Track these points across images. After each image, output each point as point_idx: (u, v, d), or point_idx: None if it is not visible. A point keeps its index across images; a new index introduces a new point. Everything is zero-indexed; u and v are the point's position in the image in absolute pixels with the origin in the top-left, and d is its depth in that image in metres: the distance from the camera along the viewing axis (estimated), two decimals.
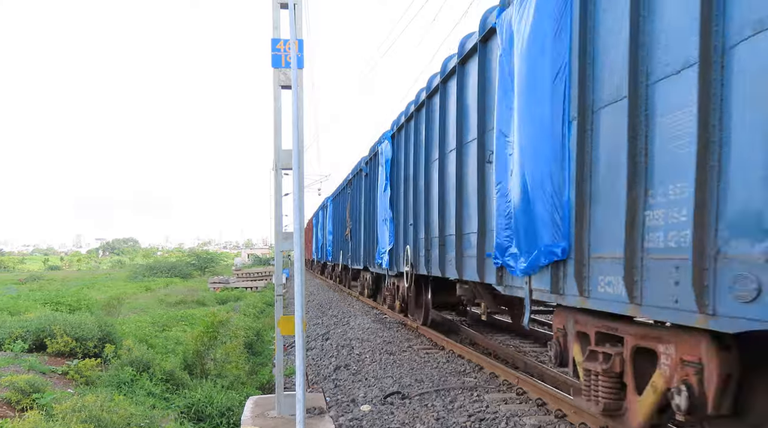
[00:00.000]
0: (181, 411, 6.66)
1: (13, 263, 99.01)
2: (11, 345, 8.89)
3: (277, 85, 5.85)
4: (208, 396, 6.90)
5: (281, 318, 5.67)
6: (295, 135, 5.37)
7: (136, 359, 7.94)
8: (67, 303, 16.93)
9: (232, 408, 6.75)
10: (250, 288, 29.41)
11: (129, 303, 20.84)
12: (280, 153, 5.90)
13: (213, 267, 53.63)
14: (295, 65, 5.38)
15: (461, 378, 7.40)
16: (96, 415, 5.12)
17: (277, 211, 6.08)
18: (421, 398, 6.61)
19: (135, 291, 29.09)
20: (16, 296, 21.15)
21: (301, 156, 5.41)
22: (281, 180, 6.04)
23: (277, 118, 5.84)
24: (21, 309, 14.59)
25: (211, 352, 9.12)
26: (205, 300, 23.08)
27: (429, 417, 5.90)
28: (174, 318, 15.28)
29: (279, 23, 5.82)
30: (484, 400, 6.36)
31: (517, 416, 5.72)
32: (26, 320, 10.06)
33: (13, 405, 6.09)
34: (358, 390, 7.14)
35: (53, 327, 9.05)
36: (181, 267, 49.43)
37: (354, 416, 6.05)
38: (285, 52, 5.75)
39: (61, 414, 5.16)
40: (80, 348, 8.89)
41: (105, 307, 16.77)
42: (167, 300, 22.71)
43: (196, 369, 8.76)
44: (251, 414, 5.86)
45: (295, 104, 5.34)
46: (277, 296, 5.85)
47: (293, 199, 5.44)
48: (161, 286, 33.03)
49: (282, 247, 6.00)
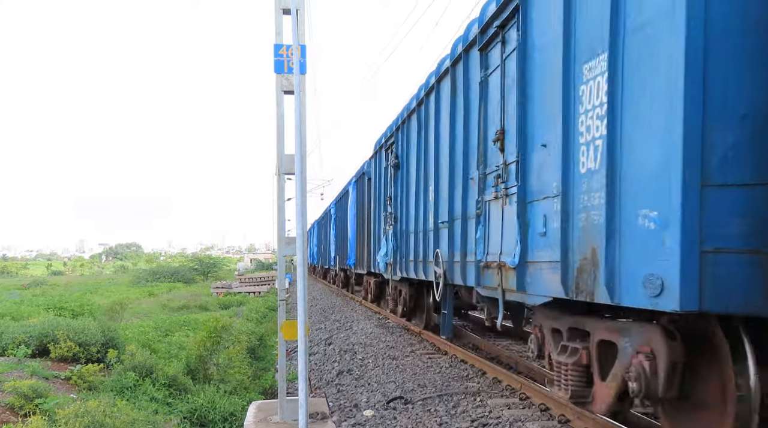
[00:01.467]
0: (183, 416, 6.66)
1: (16, 268, 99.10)
2: (14, 350, 8.90)
3: (279, 90, 5.86)
4: (211, 401, 6.90)
5: (284, 323, 5.67)
6: (298, 140, 5.37)
7: (139, 364, 7.94)
8: (70, 308, 16.93)
9: (235, 413, 6.75)
10: (253, 293, 29.36)
11: (132, 308, 20.86)
12: (283, 158, 5.91)
13: (216, 272, 53.55)
14: (298, 71, 5.39)
15: (464, 383, 7.38)
16: (99, 420, 5.12)
17: (280, 215, 6.09)
18: (424, 403, 6.59)
19: (138, 296, 29.12)
20: (19, 301, 21.20)
21: (303, 161, 5.42)
22: (284, 184, 6.05)
23: (280, 123, 5.86)
24: (24, 315, 14.62)
25: (214, 357, 9.11)
26: (207, 305, 23.07)
27: (432, 422, 5.89)
28: (177, 323, 15.27)
29: (282, 29, 5.84)
30: (487, 405, 6.35)
31: (520, 421, 5.70)
32: (29, 325, 10.07)
33: (17, 410, 6.10)
34: (360, 395, 7.13)
35: (56, 333, 9.06)
36: (184, 272, 49.43)
37: (357, 421, 6.04)
38: (288, 57, 5.76)
39: (64, 419, 5.16)
40: (83, 353, 8.89)
41: (108, 312, 16.80)
42: (170, 305, 22.71)
43: (198, 374, 8.76)
44: (254, 419, 5.85)
45: (298, 109, 5.35)
46: (280, 301, 5.85)
47: (296, 203, 5.44)
48: (164, 291, 33.03)
49: (285, 252, 6.01)
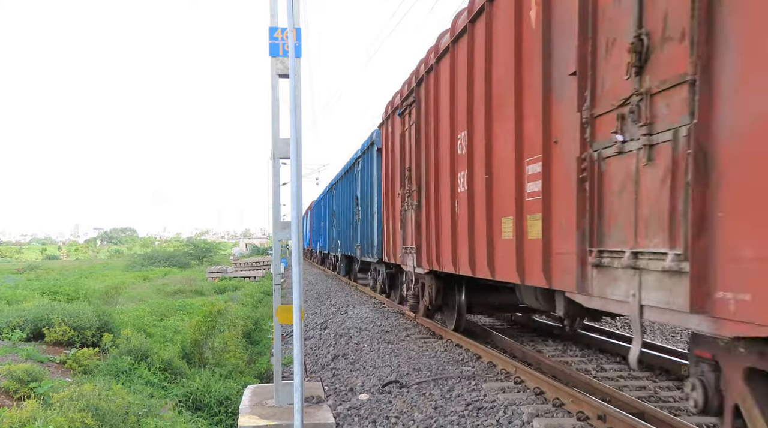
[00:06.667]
0: (179, 400, 6.66)
1: (10, 252, 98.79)
2: (9, 334, 8.87)
3: (274, 74, 5.81)
4: (206, 385, 6.89)
5: (279, 308, 5.66)
6: (293, 124, 5.33)
7: (134, 348, 7.92)
8: (65, 292, 16.88)
9: (230, 397, 6.76)
10: (248, 278, 29.32)
11: (127, 292, 20.79)
12: (278, 142, 5.87)
13: (211, 256, 53.45)
14: (293, 54, 5.33)
15: (459, 368, 7.42)
16: (94, 404, 5.11)
17: (275, 200, 6.06)
18: (419, 387, 6.62)
19: (133, 280, 29.03)
20: (14, 285, 21.12)
21: (299, 144, 5.38)
22: (279, 169, 6.02)
23: (275, 106, 5.81)
24: (19, 299, 14.56)
25: (209, 341, 9.10)
26: (203, 290, 23.04)
27: (427, 405, 5.92)
28: (172, 308, 15.24)
29: (276, 11, 5.78)
30: (482, 389, 6.38)
31: (515, 405, 5.74)
32: (24, 309, 10.03)
33: (11, 394, 6.09)
34: (356, 379, 7.16)
35: (51, 317, 9.02)
36: (179, 256, 49.26)
37: (352, 405, 6.07)
38: (282, 40, 5.70)
39: (59, 403, 5.14)
40: (78, 337, 8.87)
41: (103, 296, 16.73)
42: (165, 289, 22.66)
43: (194, 359, 8.75)
44: (249, 403, 5.87)
45: (293, 93, 5.30)
46: (275, 285, 5.84)
47: (291, 187, 5.42)
48: (159, 276, 32.96)
49: (280, 237, 5.99)
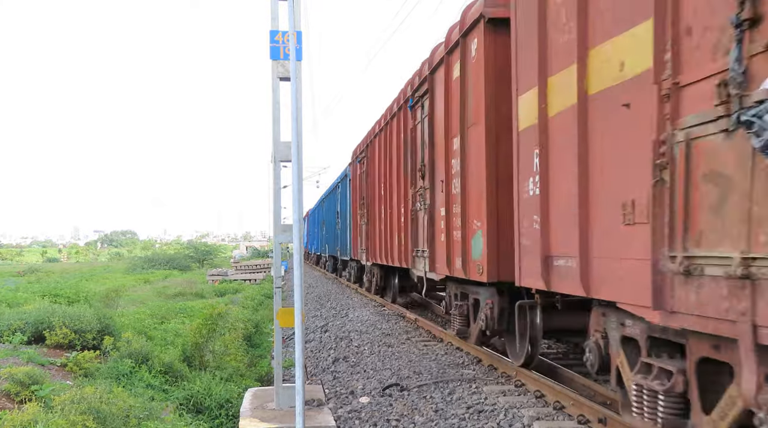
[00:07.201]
0: (180, 402, 6.66)
1: (11, 255, 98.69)
2: (10, 337, 8.87)
3: (275, 77, 5.82)
4: (207, 388, 6.89)
5: (280, 310, 5.66)
6: (294, 127, 5.34)
7: (135, 351, 7.92)
8: (65, 295, 16.86)
9: (231, 400, 6.75)
10: (249, 281, 29.30)
11: (127, 295, 20.77)
12: (279, 145, 5.88)
13: (211, 259, 53.39)
14: (294, 57, 5.35)
15: (460, 371, 7.42)
16: (95, 407, 5.11)
17: (275, 203, 6.07)
18: (419, 390, 6.62)
19: (133, 283, 29.03)
20: (14, 288, 21.11)
21: (300, 147, 5.39)
22: (280, 172, 6.02)
23: (276, 109, 5.82)
24: (20, 301, 14.55)
25: (210, 344, 9.10)
26: (203, 293, 23.02)
27: (428, 409, 5.92)
28: (173, 311, 15.23)
29: (277, 14, 5.79)
30: (483, 392, 6.38)
31: (515, 408, 5.74)
32: (25, 312, 10.03)
33: (12, 397, 6.09)
34: (356, 382, 7.16)
35: (52, 319, 9.02)
36: (180, 259, 49.22)
37: (353, 408, 6.07)
38: (283, 43, 5.71)
39: (60, 405, 5.14)
40: (79, 340, 8.86)
41: (104, 299, 16.71)
42: (166, 292, 22.65)
43: (194, 361, 8.75)
44: (250, 406, 5.87)
45: (294, 96, 5.31)
46: (276, 288, 5.84)
47: (292, 190, 5.42)
48: (160, 278, 32.93)
49: (281, 239, 5.99)
